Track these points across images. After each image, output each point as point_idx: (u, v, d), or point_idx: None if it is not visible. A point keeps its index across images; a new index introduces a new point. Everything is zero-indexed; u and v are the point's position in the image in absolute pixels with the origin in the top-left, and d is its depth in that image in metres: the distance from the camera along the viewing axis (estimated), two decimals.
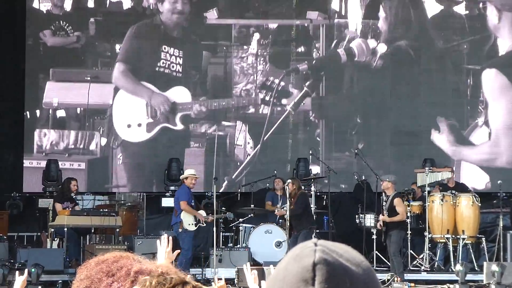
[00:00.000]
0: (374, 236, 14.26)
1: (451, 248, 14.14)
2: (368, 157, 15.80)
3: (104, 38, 17.76)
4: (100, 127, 17.56)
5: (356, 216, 14.48)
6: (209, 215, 13.97)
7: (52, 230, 14.37)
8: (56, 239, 14.39)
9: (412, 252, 14.24)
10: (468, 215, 14.30)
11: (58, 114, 17.69)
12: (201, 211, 13.99)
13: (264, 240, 14.33)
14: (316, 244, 1.47)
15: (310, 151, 16.16)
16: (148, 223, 16.30)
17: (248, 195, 16.02)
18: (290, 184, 13.72)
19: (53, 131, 17.56)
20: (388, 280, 12.93)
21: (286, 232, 13.88)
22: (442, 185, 14.95)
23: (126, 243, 14.49)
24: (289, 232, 13.82)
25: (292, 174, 16.24)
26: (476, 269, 13.71)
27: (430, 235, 14.26)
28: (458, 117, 17.46)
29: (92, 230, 14.54)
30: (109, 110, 17.48)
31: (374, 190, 15.25)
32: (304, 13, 17.76)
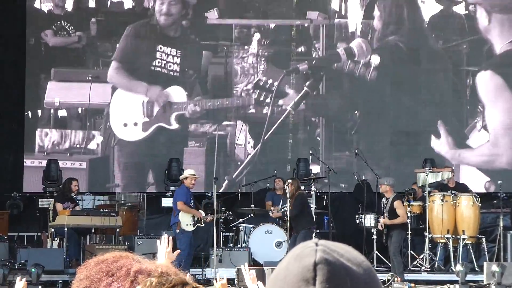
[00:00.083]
0: (374, 236, 14.24)
1: (451, 248, 14.13)
2: (368, 157, 15.78)
3: (105, 38, 17.77)
4: (100, 126, 17.59)
5: (356, 216, 14.46)
6: (208, 215, 13.96)
7: (52, 230, 14.35)
8: (56, 239, 14.38)
9: (412, 252, 14.22)
10: (469, 215, 14.29)
11: (60, 114, 17.71)
12: (200, 211, 13.97)
13: (264, 240, 14.32)
14: (317, 244, 1.47)
15: (310, 151, 16.15)
16: (148, 223, 16.30)
17: (248, 195, 16.01)
18: (290, 184, 13.71)
19: (55, 130, 17.58)
20: (388, 280, 12.91)
21: (287, 232, 13.87)
22: (442, 186, 14.95)
23: (126, 243, 14.48)
24: (289, 232, 13.81)
25: (292, 174, 16.23)
26: (476, 269, 13.70)
27: (430, 235, 14.25)
28: (458, 117, 17.46)
29: (92, 230, 14.52)
30: (107, 109, 17.51)
31: (374, 190, 15.24)
32: (304, 13, 17.76)
